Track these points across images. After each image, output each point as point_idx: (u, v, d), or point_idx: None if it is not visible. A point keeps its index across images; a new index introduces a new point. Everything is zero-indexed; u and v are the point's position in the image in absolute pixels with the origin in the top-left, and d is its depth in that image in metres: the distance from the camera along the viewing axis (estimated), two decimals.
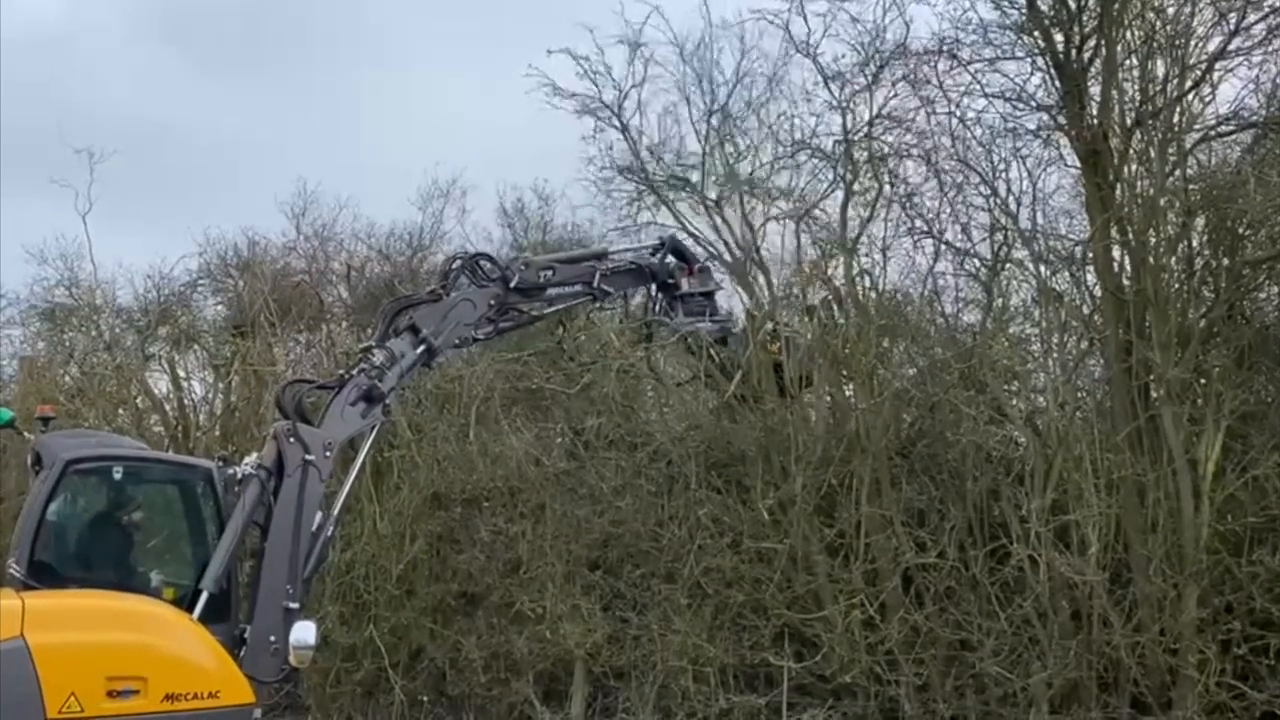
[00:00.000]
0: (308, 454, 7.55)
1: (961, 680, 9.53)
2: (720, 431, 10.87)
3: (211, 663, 7.05)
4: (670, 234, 10.40)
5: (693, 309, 9.72)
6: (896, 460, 10.15)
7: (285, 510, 7.49)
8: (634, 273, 9.57)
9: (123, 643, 7.02)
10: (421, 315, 8.42)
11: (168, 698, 6.88)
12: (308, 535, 7.54)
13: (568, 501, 11.36)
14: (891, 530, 9.82)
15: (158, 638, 7.07)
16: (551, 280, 9.07)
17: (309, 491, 7.54)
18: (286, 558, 7.42)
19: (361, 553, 11.94)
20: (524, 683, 11.00)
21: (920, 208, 10.70)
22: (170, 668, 6.97)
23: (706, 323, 9.77)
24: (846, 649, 9.64)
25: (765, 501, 10.02)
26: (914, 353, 10.73)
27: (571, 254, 9.71)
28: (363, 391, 7.96)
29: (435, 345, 8.36)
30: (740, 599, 10.16)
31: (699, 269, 9.85)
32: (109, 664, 6.89)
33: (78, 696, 6.78)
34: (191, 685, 6.95)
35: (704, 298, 9.80)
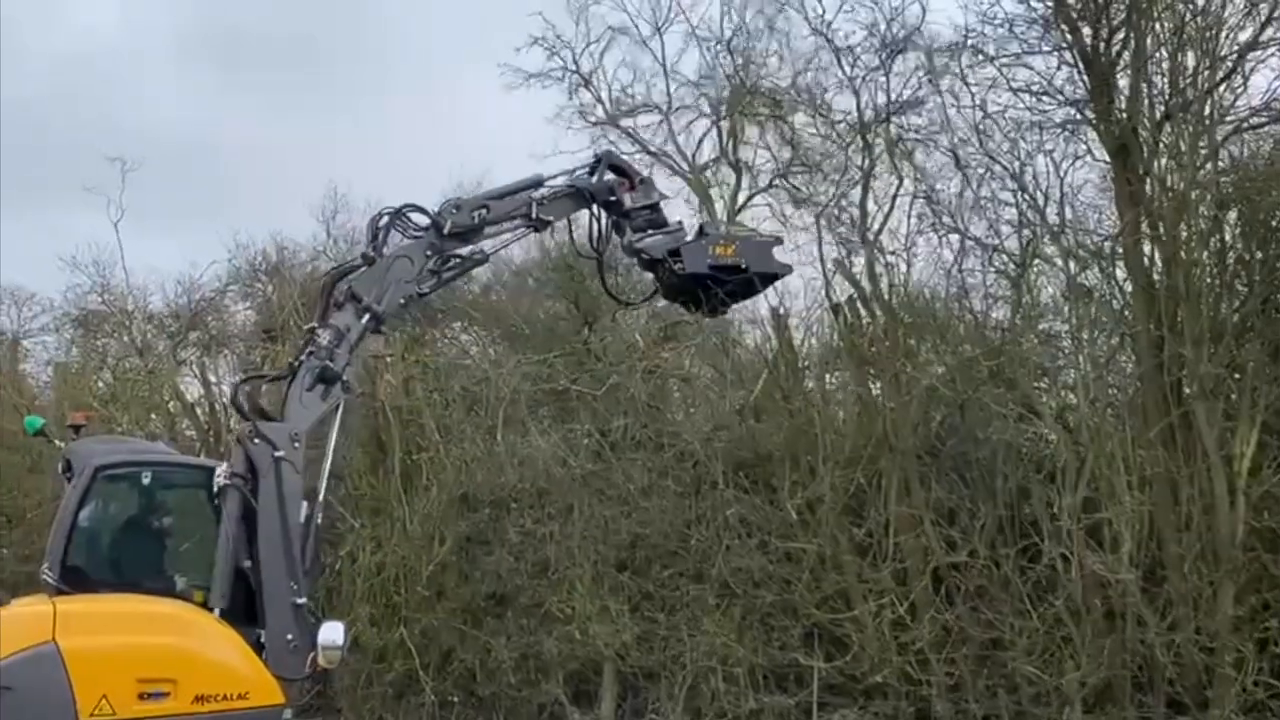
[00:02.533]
0: (276, 450, 7.42)
1: (994, 680, 9.46)
2: (747, 431, 10.84)
3: (240, 664, 7.07)
4: (605, 149, 9.77)
5: (639, 224, 9.04)
6: (925, 459, 10.09)
7: (268, 511, 7.40)
8: (572, 196, 8.95)
9: (152, 645, 7.10)
10: (359, 282, 8.05)
11: (198, 699, 6.92)
12: (297, 529, 7.45)
13: (595, 502, 11.36)
14: (921, 529, 9.76)
15: (187, 640, 7.14)
16: (487, 219, 8.56)
17: (287, 487, 7.43)
18: (282, 556, 7.34)
19: (391, 554, 12.00)
20: (554, 683, 11.01)
21: (946, 203, 10.63)
22: (199, 669, 7.02)
23: (657, 235, 9.04)
24: (877, 649, 9.60)
25: (793, 501, 9.99)
26: (942, 350, 10.65)
27: (503, 187, 8.93)
28: (316, 374, 7.69)
29: (378, 311, 7.97)
30: (769, 599, 10.13)
31: (640, 182, 9.17)
32: (139, 666, 6.96)
33: (109, 699, 6.85)
34: (221, 686, 6.99)
35: (649, 210, 9.11)
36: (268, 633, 7.24)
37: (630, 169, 9.22)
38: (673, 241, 8.84)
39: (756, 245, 8.92)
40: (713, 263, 8.75)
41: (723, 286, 8.72)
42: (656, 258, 8.78)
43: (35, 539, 14.29)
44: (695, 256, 8.76)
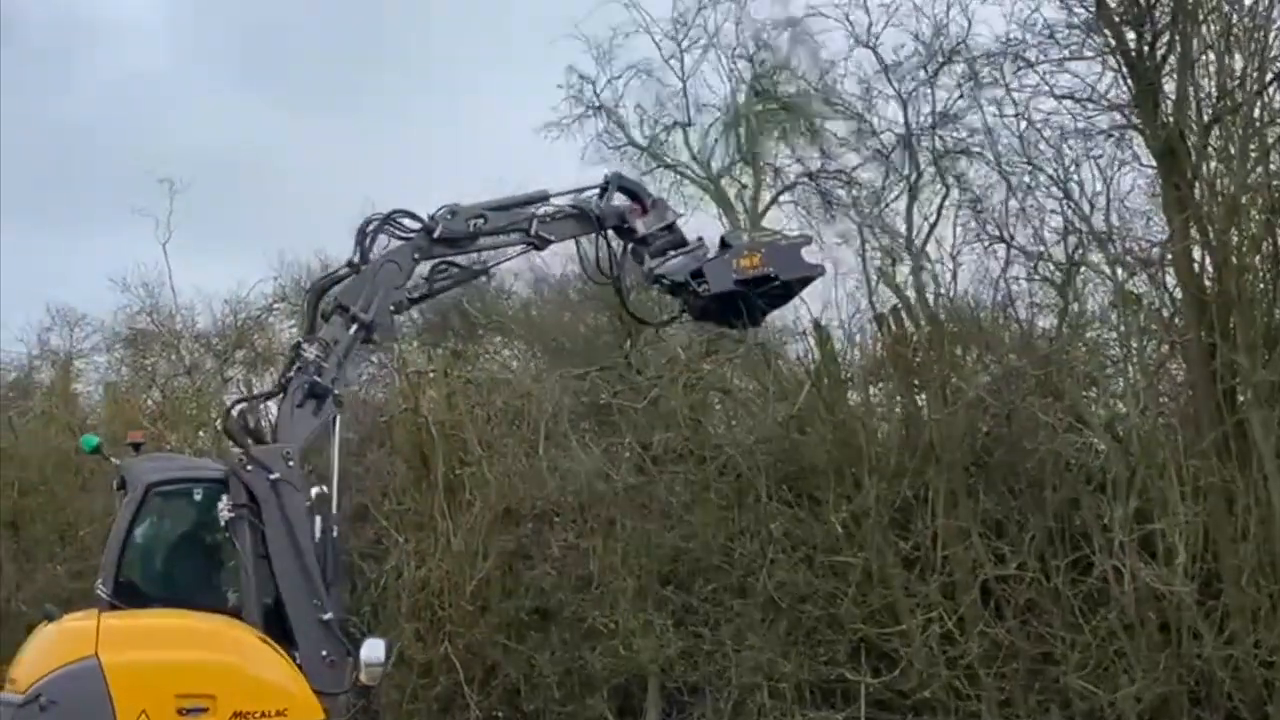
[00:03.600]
0: (270, 473, 7.32)
1: (1045, 695, 9.32)
2: (790, 444, 10.77)
3: (279, 680, 7.06)
4: (613, 172, 9.04)
5: (657, 248, 8.57)
6: (972, 470, 9.98)
7: (276, 534, 7.33)
8: (576, 218, 8.49)
9: (191, 661, 7.14)
10: (345, 292, 7.85)
11: (236, 715, 6.92)
12: (311, 547, 7.39)
13: (637, 516, 11.35)
14: (969, 542, 9.63)
15: (225, 655, 7.15)
16: (482, 229, 8.20)
17: (290, 508, 7.34)
18: (300, 577, 7.31)
19: (435, 569, 12.04)
20: (598, 698, 10.99)
21: (990, 211, 10.53)
22: (238, 685, 7.02)
23: (677, 258, 8.56)
24: (925, 663, 9.48)
25: (838, 514, 9.91)
26: (988, 360, 10.53)
27: (507, 199, 8.55)
28: (305, 391, 7.52)
29: (366, 319, 7.69)
30: (815, 614, 10.04)
31: (652, 204, 8.73)
32: (178, 682, 7.00)
33: (148, 714, 6.89)
34: (259, 703, 6.98)
35: (666, 230, 8.63)
36: (301, 652, 7.22)
37: (641, 190, 8.82)
38: (694, 261, 8.42)
39: (785, 250, 8.55)
40: (739, 277, 8.36)
41: (753, 301, 8.42)
42: (679, 281, 8.38)
43: (88, 556, 14.55)
44: (719, 274, 8.35)
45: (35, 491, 16.02)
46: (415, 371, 13.70)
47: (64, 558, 15.14)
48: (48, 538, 15.59)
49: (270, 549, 7.32)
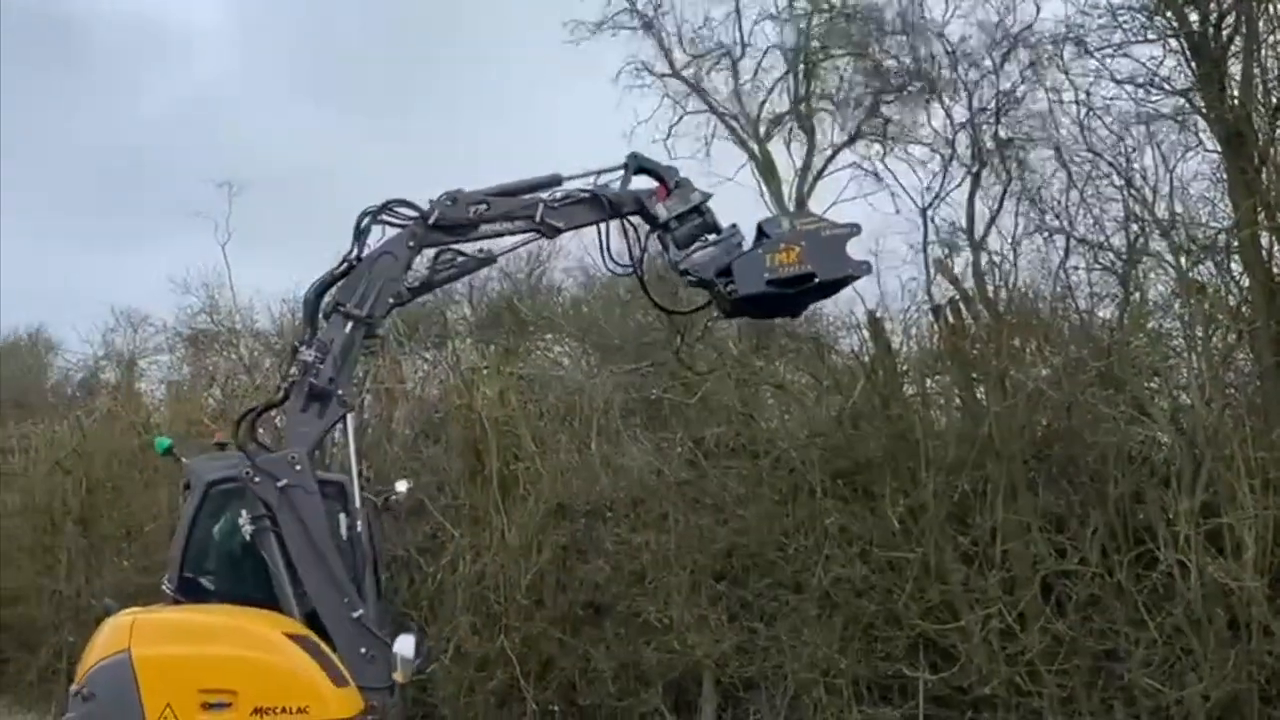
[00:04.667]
0: (279, 481, 7.36)
1: (1109, 692, 9.13)
2: (845, 438, 10.67)
3: (301, 677, 7.12)
4: (630, 153, 8.24)
5: (684, 236, 7.78)
6: (1032, 464, 9.80)
7: (295, 540, 7.39)
8: (588, 203, 7.89)
9: (215, 656, 7.25)
10: (342, 289, 7.72)
11: (256, 711, 7.02)
12: (332, 548, 7.43)
13: (690, 511, 11.32)
14: (1029, 536, 9.47)
15: (248, 651, 7.24)
16: (485, 215, 7.81)
17: (305, 512, 7.39)
18: (326, 578, 7.37)
19: (491, 563, 12.13)
20: (653, 693, 10.99)
21: (1050, 201, 10.35)
22: (259, 681, 7.11)
23: (706, 250, 7.78)
24: (984, 660, 9.34)
25: (895, 509, 9.79)
26: (1048, 352, 10.35)
27: (514, 183, 7.99)
28: (305, 394, 7.50)
29: (360, 315, 7.55)
30: (872, 609, 9.94)
31: (675, 185, 7.89)
32: (202, 677, 7.15)
33: (173, 708, 7.08)
34: (279, 699, 7.05)
35: (695, 214, 7.82)
36: (339, 652, 7.28)
37: (664, 171, 8.04)
38: (724, 255, 7.61)
39: (827, 241, 7.48)
40: (772, 276, 7.43)
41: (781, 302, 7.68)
42: (705, 278, 7.66)
43: (153, 551, 14.89)
44: (750, 273, 7.45)
45: (102, 488, 16.46)
46: (469, 368, 13.81)
47: (130, 553, 15.55)
48: (114, 534, 16.00)
49: (292, 555, 7.39)
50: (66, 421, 17.71)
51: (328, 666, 7.24)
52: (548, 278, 16.49)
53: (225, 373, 17.20)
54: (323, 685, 7.14)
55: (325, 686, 7.14)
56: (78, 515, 16.47)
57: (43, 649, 15.89)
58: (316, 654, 7.25)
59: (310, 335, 7.74)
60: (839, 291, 8.10)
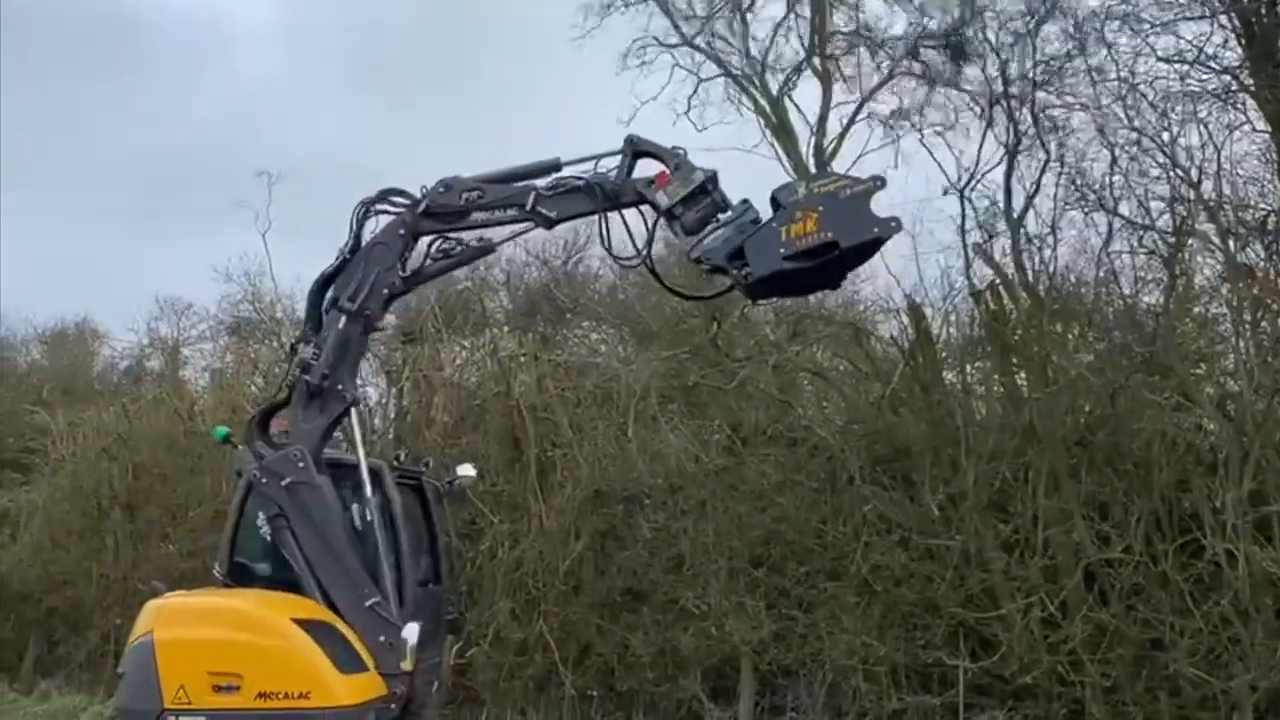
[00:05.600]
0: (284, 479, 7.46)
1: (1154, 682, 9.01)
2: (884, 425, 10.59)
3: (303, 663, 7.18)
4: (627, 136, 7.65)
5: (691, 222, 7.11)
6: (1075, 451, 9.66)
7: (306, 534, 7.48)
8: (584, 192, 7.39)
9: (223, 640, 7.37)
10: (339, 283, 7.64)
11: (260, 695, 7.12)
12: (343, 541, 7.49)
13: (728, 498, 11.30)
14: (1071, 524, 9.35)
15: (254, 636, 7.34)
16: (477, 202, 7.50)
17: (312, 506, 7.46)
18: (338, 569, 7.42)
19: (529, 549, 12.20)
20: (691, 679, 11.00)
21: (1091, 180, 10.17)
22: (263, 666, 7.20)
23: (716, 232, 7.08)
24: (1026, 648, 9.26)
25: (934, 497, 9.72)
26: (1091, 337, 10.19)
27: (512, 169, 7.60)
28: (305, 392, 7.56)
29: (351, 308, 7.48)
30: (911, 597, 9.88)
31: (676, 167, 7.25)
32: (211, 660, 7.29)
33: (186, 689, 7.25)
34: (282, 685, 7.14)
35: (701, 195, 7.16)
36: (361, 641, 7.34)
37: (664, 153, 7.42)
38: (736, 235, 6.95)
39: (849, 202, 6.66)
40: (789, 251, 6.71)
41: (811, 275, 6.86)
42: (718, 264, 7.06)
43: (198, 536, 15.13)
44: (764, 251, 6.77)
45: (147, 474, 16.70)
46: (507, 356, 13.87)
47: (176, 538, 15.76)
48: (160, 519, 16.23)
49: (304, 549, 7.47)
50: (113, 409, 17.98)
51: (337, 653, 7.27)
52: (584, 264, 16.53)
53: (268, 360, 17.38)
54: (325, 671, 7.17)
55: (328, 673, 7.17)
56: (124, 500, 16.73)
57: (91, 631, 16.20)
58: (328, 640, 7.28)
59: (312, 331, 7.78)
60: (874, 254, 7.16)
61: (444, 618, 8.69)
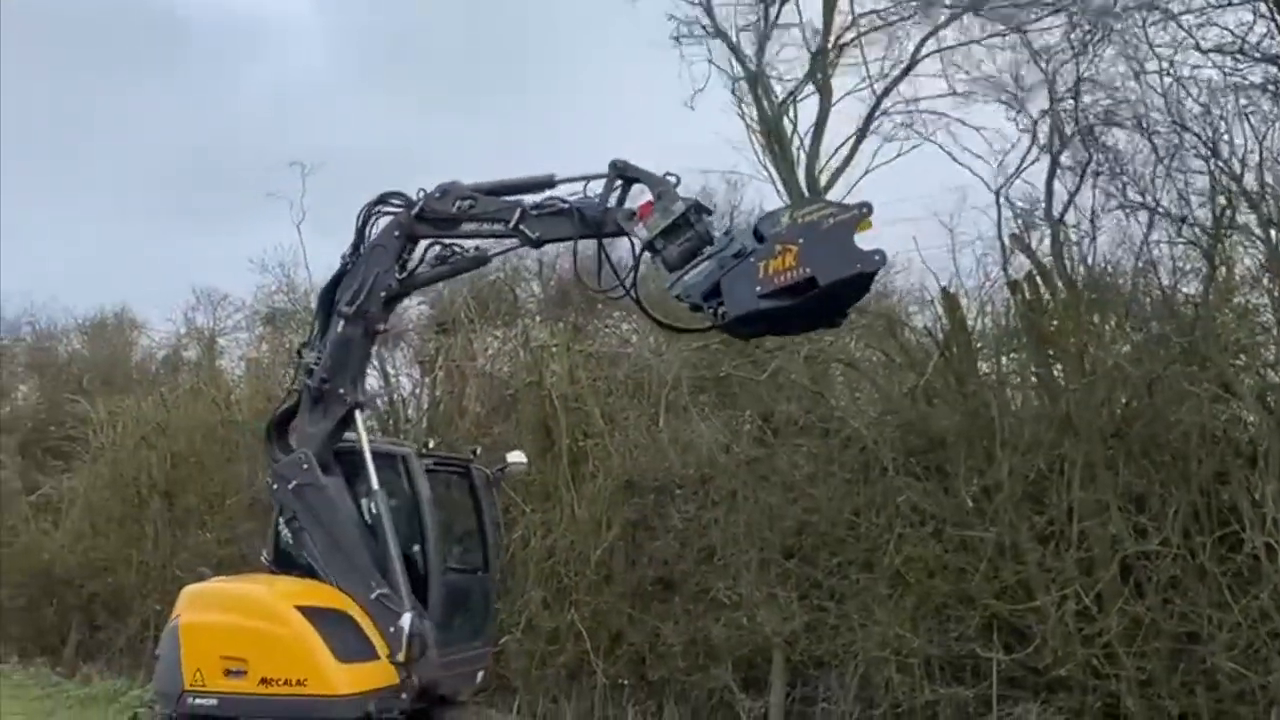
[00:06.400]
0: (290, 482, 7.66)
1: (1190, 676, 8.92)
2: (918, 416, 10.54)
3: (301, 650, 7.32)
4: (612, 160, 7.19)
5: (677, 254, 6.62)
6: (1111, 443, 9.57)
7: (317, 533, 7.65)
8: (567, 216, 7.12)
9: (233, 625, 7.58)
10: (342, 286, 7.74)
11: (263, 681, 7.31)
12: (352, 537, 7.61)
13: (759, 489, 11.31)
14: (1108, 516, 9.27)
15: (258, 622, 7.53)
16: (468, 212, 7.38)
17: (318, 507, 7.63)
18: (345, 564, 7.56)
19: (561, 539, 12.27)
20: (723, 669, 11.02)
21: (1132, 174, 10.05)
22: (265, 652, 7.38)
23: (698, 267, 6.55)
24: (1060, 641, 9.20)
25: (969, 488, 9.67)
26: (1128, 328, 10.09)
27: (506, 181, 7.40)
28: (310, 396, 7.74)
29: (347, 312, 7.54)
30: (944, 589, 9.84)
31: (658, 196, 6.77)
32: (223, 644, 7.51)
33: (202, 671, 7.49)
34: (281, 671, 7.30)
35: (683, 227, 6.63)
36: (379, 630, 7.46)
37: (649, 180, 6.98)
38: (717, 270, 6.45)
39: (830, 232, 6.05)
40: (766, 288, 6.16)
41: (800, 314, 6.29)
42: (695, 302, 6.60)
43: (234, 523, 15.34)
44: (740, 289, 6.24)
45: (185, 463, 16.97)
46: (539, 346, 13.93)
47: (213, 526, 16.01)
48: (198, 507, 16.50)
49: (316, 547, 7.66)
50: (151, 398, 18.27)
51: (341, 641, 7.37)
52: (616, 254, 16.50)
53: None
54: (322, 659, 7.28)
55: (325, 661, 7.28)
56: (162, 489, 17.02)
57: (131, 617, 16.50)
58: (334, 627, 7.39)
59: (320, 335, 7.89)
60: (868, 289, 6.61)
61: (492, 606, 8.76)
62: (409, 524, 8.10)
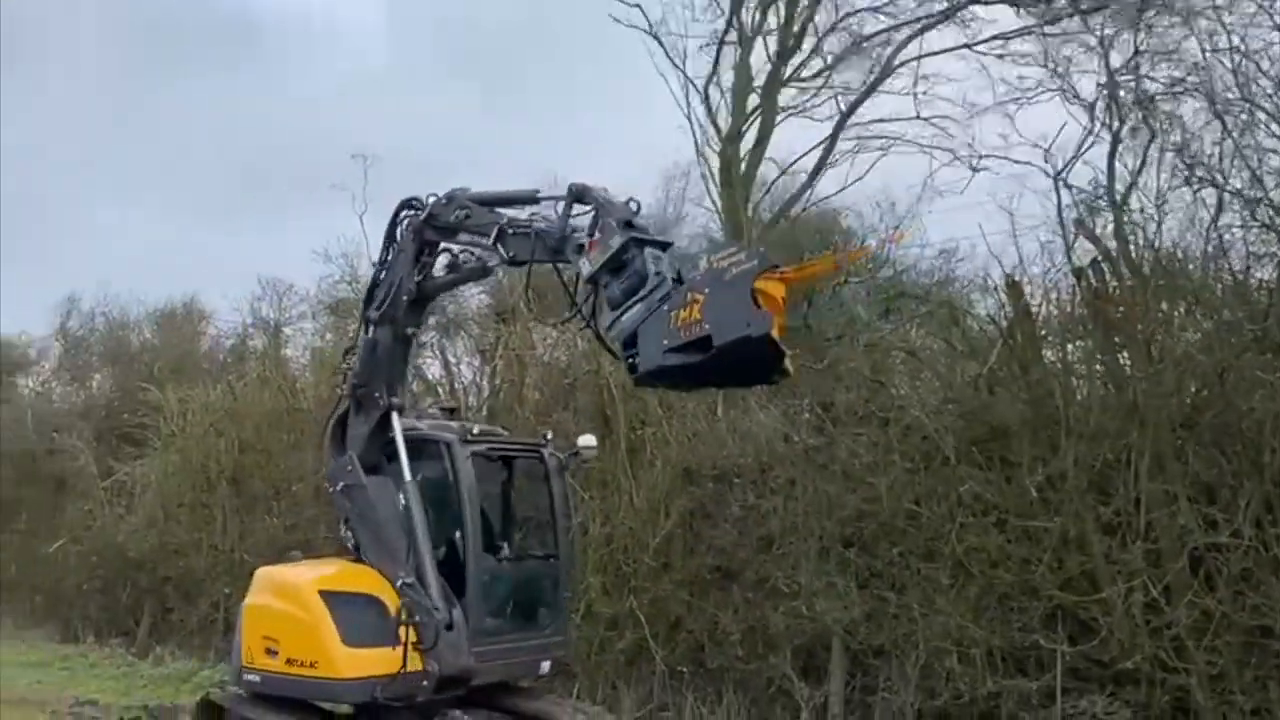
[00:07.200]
0: (337, 484, 8.02)
1: (1263, 670, 8.72)
2: (980, 404, 10.41)
3: (314, 634, 7.56)
4: (570, 183, 6.87)
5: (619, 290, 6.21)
6: (1180, 432, 9.37)
7: (362, 529, 7.97)
8: (537, 238, 6.89)
9: (272, 608, 7.95)
10: (374, 293, 8.04)
11: (289, 661, 7.64)
12: (394, 530, 7.78)
13: (818, 478, 11.26)
14: (1176, 507, 9.09)
15: (286, 605, 7.84)
16: (464, 222, 7.34)
17: (361, 505, 7.93)
18: (383, 554, 7.78)
19: (619, 526, 12.35)
20: (781, 658, 11.02)
21: (1200, 154, 9.79)
22: (290, 634, 7.69)
23: (628, 312, 6.09)
24: (1127, 633, 9.04)
25: (1033, 478, 9.53)
26: (1198, 315, 9.86)
27: (499, 193, 7.27)
28: (353, 400, 8.05)
29: (372, 317, 7.82)
30: (1008, 579, 9.72)
31: (601, 228, 6.34)
32: (265, 625, 7.90)
33: (252, 649, 7.92)
34: (300, 652, 7.60)
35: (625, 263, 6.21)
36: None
37: (598, 206, 6.55)
38: (643, 314, 6.01)
39: (731, 284, 5.53)
40: (672, 342, 5.69)
41: (707, 371, 5.70)
42: (616, 350, 6.27)
43: (300, 509, 15.67)
44: (649, 341, 5.79)
45: (252, 450, 17.34)
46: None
47: (279, 511, 16.35)
48: (264, 493, 16.86)
49: (363, 541, 7.96)
50: (219, 386, 18.70)
51: (355, 626, 7.54)
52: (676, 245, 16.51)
53: None
54: (331, 643, 7.50)
55: (333, 644, 7.50)
56: (230, 475, 17.43)
57: (201, 600, 16.94)
58: (353, 612, 7.57)
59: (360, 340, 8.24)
60: (779, 364, 5.87)
61: (562, 594, 8.72)
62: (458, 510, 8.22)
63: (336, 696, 7.67)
